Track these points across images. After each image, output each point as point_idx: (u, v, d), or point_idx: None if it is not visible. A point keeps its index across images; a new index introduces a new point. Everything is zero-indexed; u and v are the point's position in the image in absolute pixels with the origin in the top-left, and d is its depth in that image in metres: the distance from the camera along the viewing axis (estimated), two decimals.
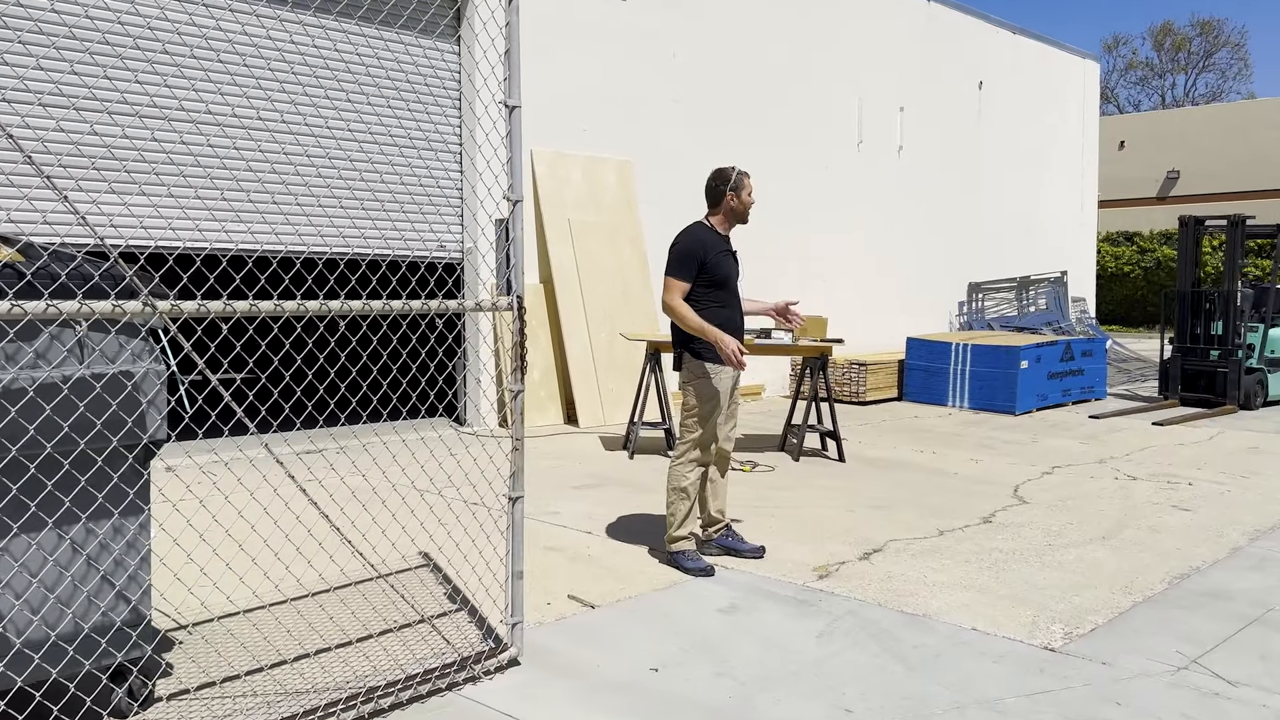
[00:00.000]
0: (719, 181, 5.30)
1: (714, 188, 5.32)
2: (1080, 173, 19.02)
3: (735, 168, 5.33)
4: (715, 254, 5.18)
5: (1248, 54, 78.98)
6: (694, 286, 5.17)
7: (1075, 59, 18.69)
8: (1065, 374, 12.07)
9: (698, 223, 5.34)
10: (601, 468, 7.95)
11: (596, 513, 6.41)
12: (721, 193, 5.29)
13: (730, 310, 5.24)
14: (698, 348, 5.18)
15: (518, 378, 3.84)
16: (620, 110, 11.14)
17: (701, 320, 5.10)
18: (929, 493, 7.18)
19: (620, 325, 10.43)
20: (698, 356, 5.19)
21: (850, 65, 13.98)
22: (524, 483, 3.89)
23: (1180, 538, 5.96)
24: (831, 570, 5.22)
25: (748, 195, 5.31)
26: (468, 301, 3.67)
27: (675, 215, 11.77)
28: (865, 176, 14.26)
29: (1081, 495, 7.12)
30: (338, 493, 6.42)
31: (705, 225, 5.32)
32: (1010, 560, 5.46)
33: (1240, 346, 11.73)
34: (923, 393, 12.03)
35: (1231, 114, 34.34)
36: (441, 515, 6.02)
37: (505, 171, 3.80)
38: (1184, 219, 12.30)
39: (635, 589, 4.88)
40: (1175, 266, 29.81)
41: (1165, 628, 4.41)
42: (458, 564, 5.10)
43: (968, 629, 4.37)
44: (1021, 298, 17.13)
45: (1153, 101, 58.81)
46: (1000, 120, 16.89)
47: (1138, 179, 35.09)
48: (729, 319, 5.22)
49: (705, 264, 5.15)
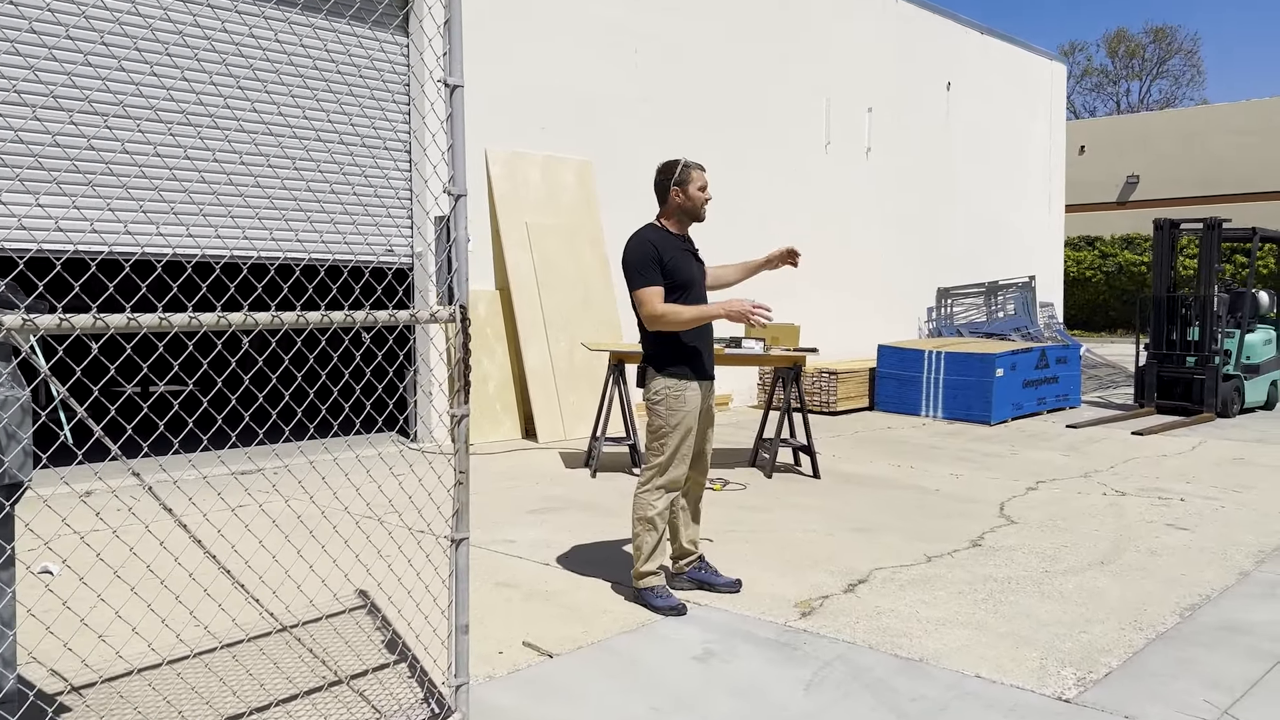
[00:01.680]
0: (663, 176, 4.73)
1: (659, 183, 4.75)
2: (1047, 176, 18.79)
3: (682, 159, 4.73)
4: (672, 255, 4.62)
5: (1200, 61, 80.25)
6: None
7: (1043, 61, 18.47)
8: (1040, 382, 11.73)
9: (647, 225, 4.78)
10: (561, 488, 7.42)
11: (556, 540, 5.88)
12: (667, 188, 4.71)
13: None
14: (664, 362, 4.66)
15: (461, 399, 3.32)
16: (580, 108, 10.64)
17: (693, 309, 4.55)
18: (911, 513, 6.73)
19: (581, 334, 9.91)
20: (664, 372, 4.66)
21: (818, 65, 13.58)
22: (469, 521, 3.36)
23: (1183, 561, 5.55)
24: (815, 606, 4.74)
25: (697, 190, 4.69)
26: (401, 314, 3.14)
27: (638, 218, 11.27)
28: (834, 179, 13.87)
29: (1072, 514, 6.71)
30: (276, 519, 5.84)
31: (655, 226, 4.76)
32: (1007, 590, 5.02)
33: (1217, 353, 11.45)
34: (895, 402, 11.62)
35: (1189, 119, 34.53)
36: (383, 546, 5.47)
37: (445, 161, 3.28)
38: (1159, 222, 12.02)
39: (599, 632, 4.36)
40: (1136, 271, 29.95)
41: (1186, 670, 3.97)
42: (400, 603, 4.55)
43: (971, 676, 3.90)
44: (990, 303, 16.83)
45: (1108, 108, 59.38)
46: (968, 122, 16.59)
47: (1098, 183, 35.18)
48: (700, 331, 4.71)
49: (664, 265, 4.59)
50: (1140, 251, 30.40)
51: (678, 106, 11.73)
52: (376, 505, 6.33)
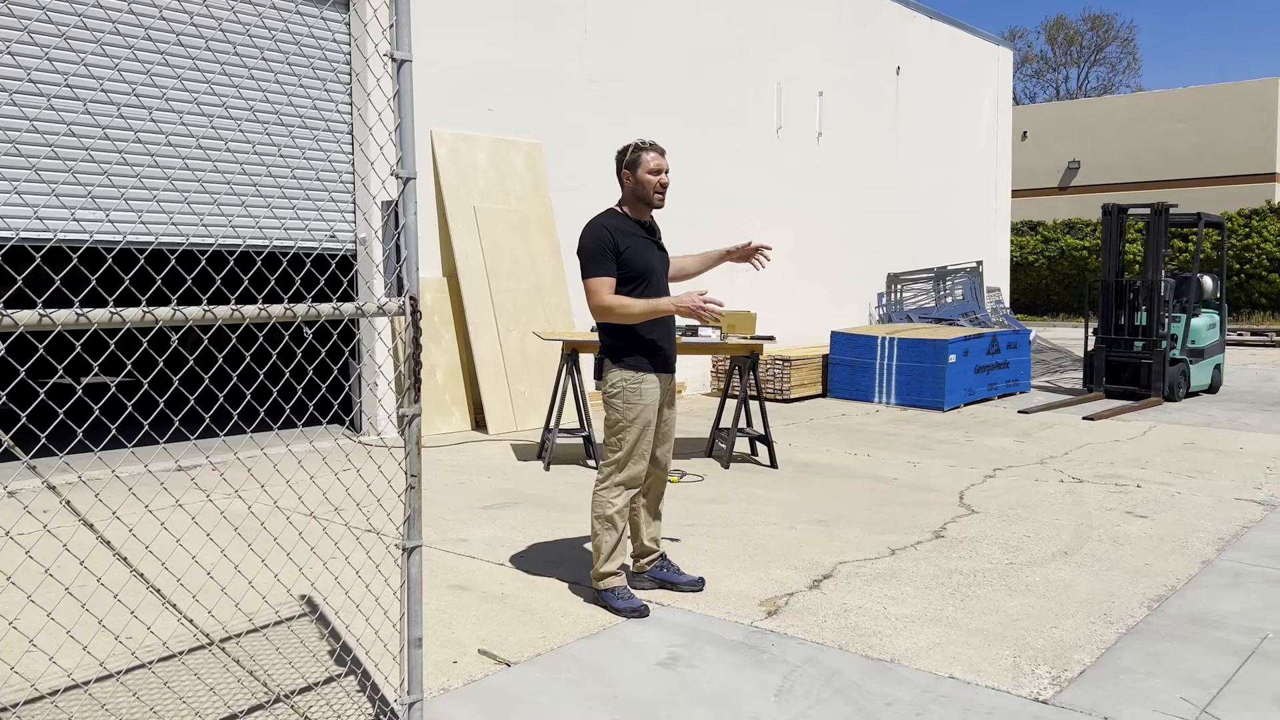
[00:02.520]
0: (617, 159, 4.53)
1: (616, 170, 4.55)
2: (994, 161, 18.88)
3: (634, 142, 4.51)
4: (629, 243, 4.41)
5: (1136, 48, 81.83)
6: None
7: (989, 45, 18.51)
8: (991, 367, 11.74)
9: (607, 210, 4.57)
10: (514, 482, 7.20)
11: (510, 539, 5.67)
12: (619, 173, 4.52)
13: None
14: (621, 354, 4.46)
15: (411, 398, 3.10)
16: (529, 89, 10.37)
17: (647, 300, 4.35)
18: (871, 503, 6.63)
19: (533, 322, 9.67)
20: (620, 364, 4.47)
21: (769, 48, 13.43)
22: (422, 528, 3.14)
23: (1145, 551, 5.50)
24: (781, 604, 4.59)
25: (647, 173, 4.43)
26: (346, 307, 2.91)
27: (590, 203, 11.06)
28: (785, 164, 13.74)
29: (1031, 502, 6.65)
30: (209, 524, 5.55)
31: (615, 212, 4.54)
32: (973, 584, 4.91)
33: (1164, 337, 11.54)
34: (848, 388, 11.55)
35: (1129, 106, 35.05)
36: (326, 550, 5.21)
37: (393, 142, 3.04)
38: (1107, 207, 12.07)
39: (559, 637, 4.17)
40: (1078, 256, 30.37)
41: (1160, 666, 3.89)
42: (346, 613, 4.32)
43: (945, 677, 3.77)
44: (939, 288, 16.87)
45: (1048, 94, 60.24)
46: (917, 107, 16.57)
47: (1040, 169, 35.63)
48: (660, 322, 4.51)
49: (620, 254, 4.38)
50: (1082, 236, 30.82)
51: (629, 89, 11.50)
52: (319, 506, 6.06)
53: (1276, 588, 4.85)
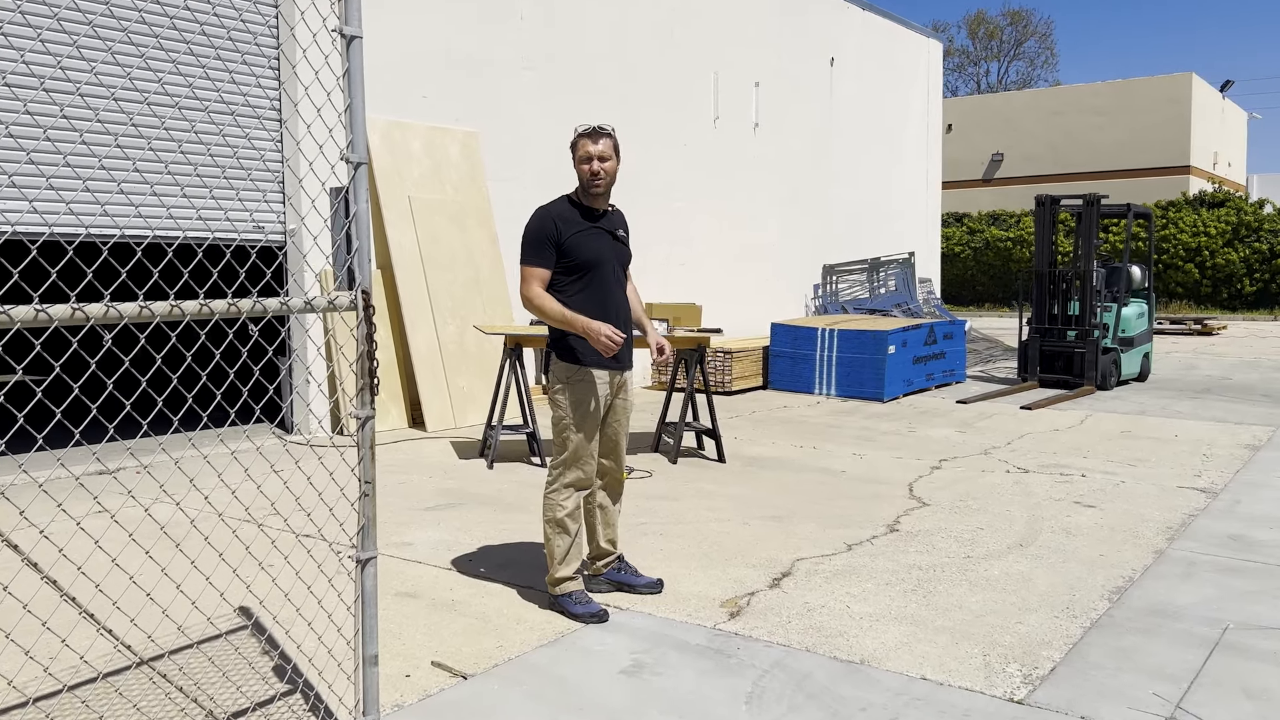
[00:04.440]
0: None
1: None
2: (925, 153, 19.05)
3: (578, 127, 4.35)
4: (574, 232, 4.25)
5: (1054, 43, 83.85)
6: (555, 274, 4.28)
7: (920, 38, 18.66)
8: (929, 358, 11.81)
9: (561, 196, 4.42)
10: (457, 481, 6.97)
11: (458, 541, 5.45)
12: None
13: (606, 298, 4.30)
14: (567, 346, 4.29)
15: (366, 399, 2.89)
16: (465, 75, 10.09)
17: (565, 309, 4.19)
18: (822, 497, 6.55)
19: (472, 316, 9.42)
20: (566, 357, 4.30)
21: (707, 37, 13.31)
22: (376, 538, 2.94)
23: (1098, 541, 5.50)
24: (743, 605, 4.46)
25: (579, 160, 4.27)
26: (295, 301, 2.69)
27: (528, 192, 10.83)
28: (723, 154, 13.65)
29: (980, 494, 6.64)
30: (133, 529, 5.24)
31: (568, 200, 4.39)
32: (934, 579, 4.85)
33: (1096, 326, 11.71)
34: (789, 380, 11.51)
35: (1049, 99, 35.80)
36: (265, 556, 4.95)
37: (343, 124, 2.82)
38: (1040, 198, 12.20)
39: (515, 645, 3.98)
40: (1003, 247, 30.93)
41: (1129, 661, 3.85)
42: (291, 625, 4.07)
43: (917, 678, 3.68)
44: (873, 279, 16.97)
45: (969, 88, 61.34)
46: (851, 98, 16.62)
47: (965, 161, 36.22)
48: (607, 310, 4.29)
49: (561, 245, 4.23)
50: (1006, 228, 31.38)
51: (567, 77, 11.28)
52: (253, 508, 5.77)
53: (1230, 577, 4.88)
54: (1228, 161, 37.23)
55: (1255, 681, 3.66)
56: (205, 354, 13.26)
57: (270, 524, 5.57)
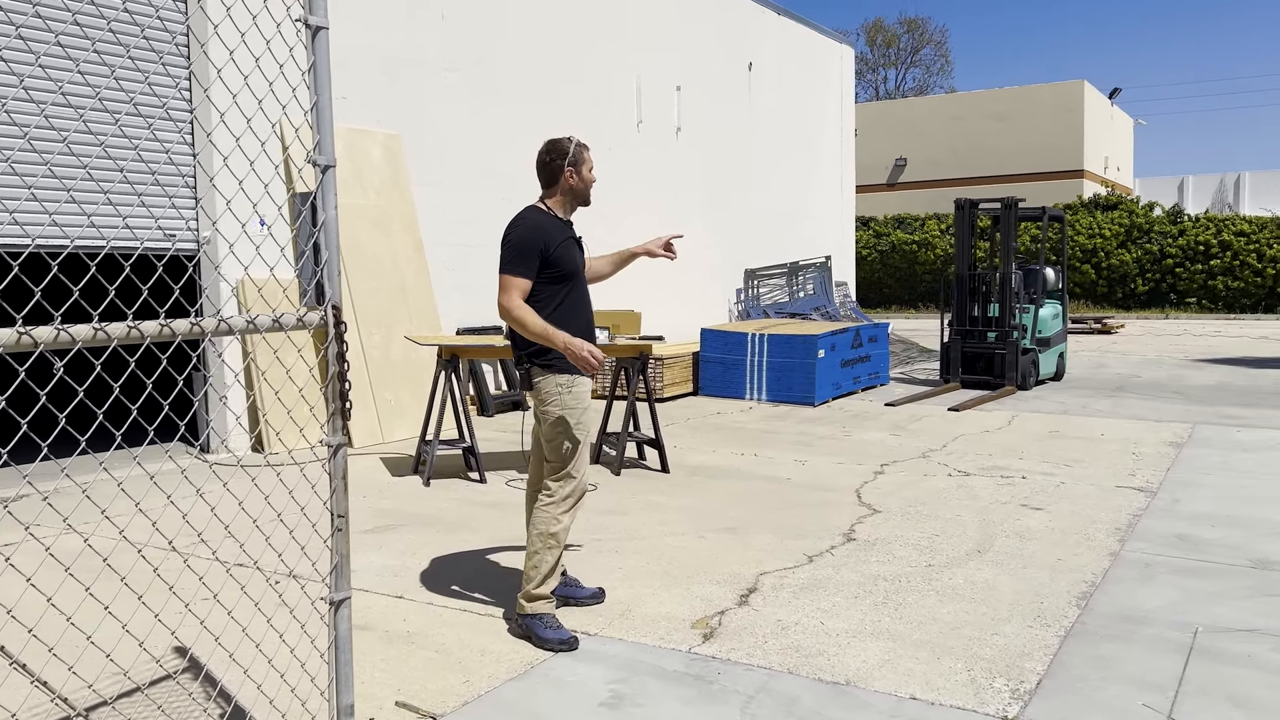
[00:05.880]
0: (554, 156, 4.29)
1: (549, 164, 4.30)
2: (839, 157, 19.25)
3: (573, 139, 4.33)
4: (560, 243, 4.20)
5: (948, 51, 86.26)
6: (538, 284, 4.16)
7: (833, 43, 18.85)
8: (855, 361, 11.86)
9: (532, 207, 4.32)
10: (394, 500, 6.66)
11: (404, 567, 5.17)
12: (559, 169, 4.28)
13: (583, 310, 4.30)
14: (552, 358, 4.15)
15: (338, 424, 2.63)
16: (386, 76, 9.73)
17: (546, 324, 4.07)
18: (773, 506, 6.44)
19: (397, 325, 9.07)
20: (551, 368, 4.17)
21: (628, 40, 13.16)
22: (350, 577, 2.68)
23: (1052, 545, 5.50)
24: (714, 626, 4.30)
25: (589, 171, 4.35)
26: (263, 319, 2.42)
27: (451, 196, 10.53)
28: (646, 158, 13.52)
29: (928, 499, 6.61)
30: (37, 563, 4.82)
31: (542, 209, 4.30)
32: (901, 590, 4.76)
33: (1015, 327, 11.91)
34: (720, 386, 11.42)
35: (950, 105, 36.69)
36: (197, 588, 4.59)
37: (309, 124, 2.57)
38: (960, 202, 12.37)
39: (483, 680, 3.74)
40: (908, 250, 31.54)
41: (1112, 671, 3.80)
42: (246, 662, 3.75)
43: (906, 698, 3.57)
44: (792, 283, 17.05)
45: (868, 94, 62.58)
46: (769, 102, 16.67)
47: (869, 166, 36.84)
48: (584, 321, 4.28)
49: (549, 256, 4.16)
50: (911, 231, 32.01)
51: (490, 79, 11.00)
52: (183, 535, 5.38)
53: (1188, 578, 4.91)
54: (1117, 166, 38.70)
55: (1238, 688, 3.64)
56: (115, 369, 12.57)
57: (194, 554, 5.19)
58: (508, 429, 9.52)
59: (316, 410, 8.49)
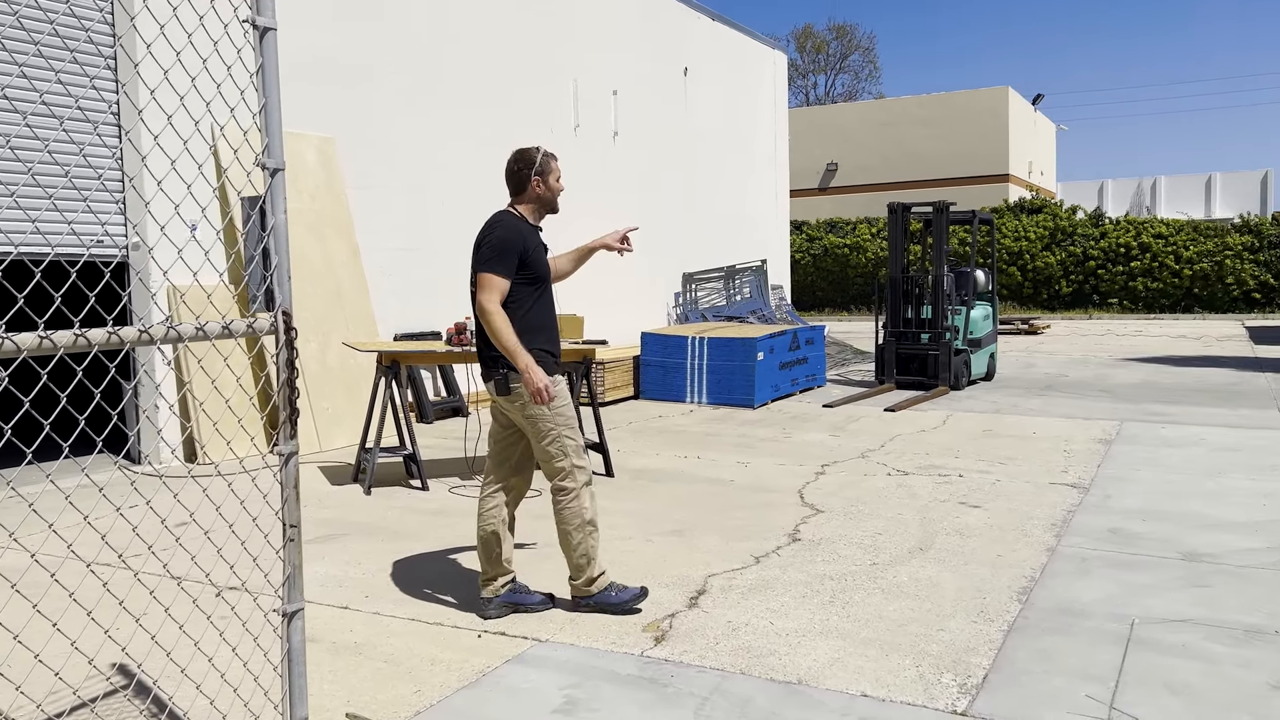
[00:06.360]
0: (522, 165, 4.50)
1: (516, 172, 4.52)
2: (773, 162, 19.43)
3: (540, 149, 4.55)
4: (534, 247, 4.43)
5: (876, 57, 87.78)
6: (513, 285, 4.34)
7: (766, 49, 19.03)
8: (793, 363, 11.98)
9: (505, 211, 4.52)
10: (335, 510, 6.55)
11: (348, 577, 5.09)
12: (526, 178, 4.49)
13: (551, 312, 4.54)
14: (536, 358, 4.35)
15: (287, 433, 2.58)
16: (320, 79, 9.57)
17: (518, 341, 4.23)
18: (717, 508, 6.47)
19: (334, 332, 8.93)
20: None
21: (566, 45, 13.14)
22: (303, 586, 2.63)
23: (992, 541, 5.61)
24: (665, 628, 4.31)
25: (556, 180, 4.58)
26: (211, 326, 2.36)
27: (387, 200, 10.40)
28: (585, 163, 13.49)
29: (868, 498, 6.70)
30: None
31: (516, 214, 4.50)
32: (847, 589, 4.82)
33: (948, 329, 12.14)
34: (661, 389, 11.45)
35: (879, 111, 37.29)
36: (137, 603, 4.46)
37: (257, 126, 2.51)
38: (893, 206, 12.58)
39: (434, 690, 3.70)
40: (840, 253, 31.97)
41: (1054, 663, 3.89)
42: (199, 675, 3.65)
43: (858, 695, 3.61)
44: (729, 287, 17.17)
45: (798, 100, 63.30)
46: (704, 107, 16.77)
47: (801, 171, 37.24)
48: (552, 323, 4.52)
49: (526, 258, 4.35)
50: (843, 234, 32.44)
51: (426, 82, 10.89)
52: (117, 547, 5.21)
53: (1122, 571, 5.04)
54: (1041, 170, 39.69)
55: (1175, 677, 3.75)
56: (30, 377, 12.16)
57: (118, 566, 5.05)
58: (448, 435, 9.43)
59: (248, 421, 8.31)
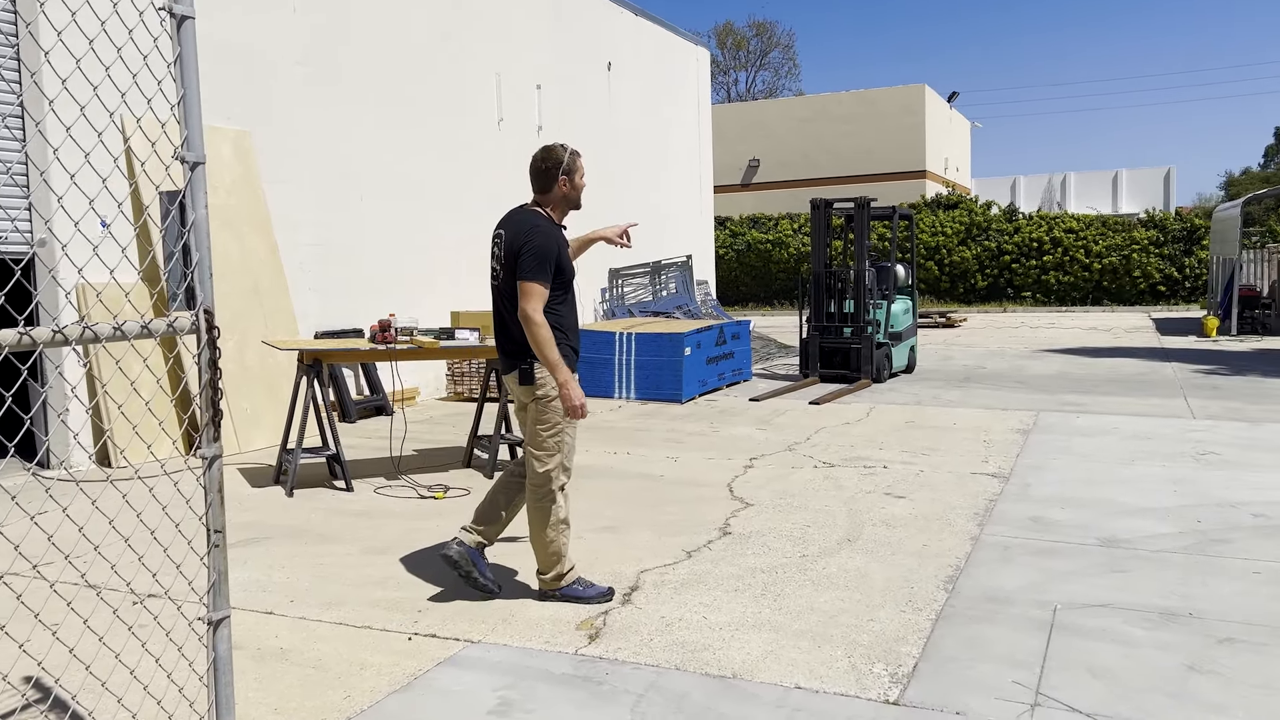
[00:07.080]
0: (550, 164, 4.48)
1: (545, 171, 4.50)
2: (697, 157, 19.52)
3: (566, 147, 4.53)
4: (564, 249, 4.46)
5: (795, 55, 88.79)
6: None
7: (689, 45, 19.09)
8: (720, 358, 12.04)
9: (533, 211, 4.50)
10: (256, 513, 6.38)
11: (271, 581, 4.96)
12: (554, 177, 4.48)
13: (575, 312, 4.58)
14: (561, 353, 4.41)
15: (210, 436, 2.50)
16: (233, 71, 9.31)
17: (559, 356, 4.29)
18: (648, 504, 6.47)
19: (252, 330, 8.70)
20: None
21: (488, 38, 13.00)
22: (229, 593, 2.55)
23: (917, 531, 5.71)
24: (599, 626, 4.29)
25: (581, 179, 4.58)
26: (130, 325, 2.27)
27: (304, 194, 10.16)
28: (508, 157, 13.37)
29: (796, 490, 6.77)
30: None
31: (544, 215, 4.49)
32: (779, 582, 4.86)
33: (870, 323, 12.33)
34: (588, 385, 11.40)
35: (799, 107, 37.72)
36: (53, 614, 4.29)
37: (176, 117, 2.42)
38: (815, 202, 12.72)
39: (365, 695, 3.62)
40: (763, 249, 32.27)
41: (981, 651, 3.97)
42: (120, 687, 3.52)
43: (791, 688, 3.64)
44: (655, 282, 17.20)
45: (720, 96, 63.70)
46: (628, 103, 16.76)
47: (723, 167, 37.47)
48: (576, 324, 4.58)
49: (560, 263, 4.39)
50: (766, 230, 32.74)
51: (344, 75, 10.67)
52: (30, 556, 5.01)
53: (1043, 558, 5.17)
54: (956, 167, 40.58)
55: (1096, 661, 3.85)
56: None
57: (30, 575, 4.86)
58: (372, 435, 9.27)
59: (169, 423, 8.06)
